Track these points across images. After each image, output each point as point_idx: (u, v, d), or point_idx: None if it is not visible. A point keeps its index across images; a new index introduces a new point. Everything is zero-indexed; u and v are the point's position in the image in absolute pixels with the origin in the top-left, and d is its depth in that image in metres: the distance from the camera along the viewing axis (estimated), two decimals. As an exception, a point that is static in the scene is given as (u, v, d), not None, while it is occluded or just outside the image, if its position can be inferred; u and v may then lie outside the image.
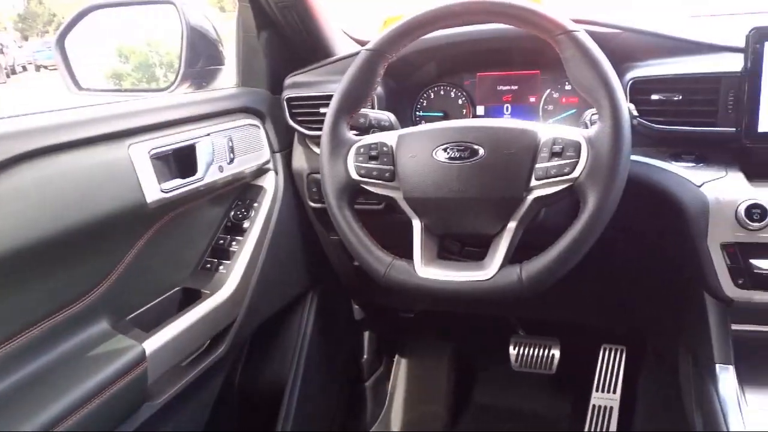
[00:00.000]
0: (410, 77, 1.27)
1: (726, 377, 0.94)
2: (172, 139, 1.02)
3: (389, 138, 0.96)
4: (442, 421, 1.74)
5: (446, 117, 1.28)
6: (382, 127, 1.05)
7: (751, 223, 0.92)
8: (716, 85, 0.98)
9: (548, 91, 1.21)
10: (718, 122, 0.99)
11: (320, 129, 0.99)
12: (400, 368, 1.85)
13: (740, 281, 0.93)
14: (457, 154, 0.90)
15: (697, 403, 1.01)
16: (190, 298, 1.11)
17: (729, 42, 1.01)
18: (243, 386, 1.41)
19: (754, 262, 0.93)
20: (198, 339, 1.09)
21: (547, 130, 0.89)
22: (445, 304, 1.54)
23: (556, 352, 1.64)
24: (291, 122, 1.27)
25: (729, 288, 0.94)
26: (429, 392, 1.80)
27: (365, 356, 1.74)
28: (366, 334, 1.75)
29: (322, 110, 1.19)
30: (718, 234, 0.94)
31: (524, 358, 1.65)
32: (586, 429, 1.60)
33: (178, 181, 1.02)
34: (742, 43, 0.94)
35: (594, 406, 1.63)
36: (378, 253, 0.94)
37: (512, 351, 1.66)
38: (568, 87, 1.18)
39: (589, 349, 1.71)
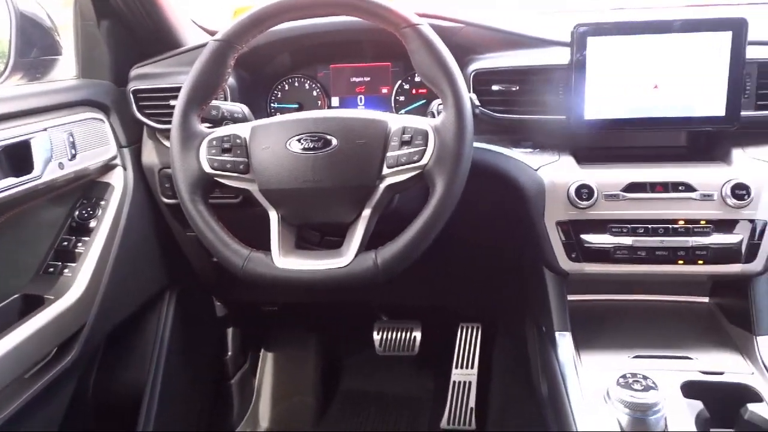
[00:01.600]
0: (263, 68, 1.26)
1: (564, 343, 1.03)
2: (1, 135, 0.94)
3: (242, 130, 0.95)
4: (311, 411, 1.75)
5: (301, 108, 1.28)
6: (235, 119, 1.04)
7: (580, 202, 1.01)
8: (548, 76, 1.07)
9: (399, 82, 1.26)
10: (551, 110, 1.07)
11: (170, 122, 0.96)
12: (267, 363, 1.84)
13: (573, 255, 1.03)
14: (311, 145, 0.91)
15: (542, 369, 1.09)
16: (31, 305, 1.03)
17: (559, 37, 1.10)
18: (98, 393, 1.34)
19: (585, 237, 1.03)
20: (43, 348, 1.02)
21: (397, 119, 0.92)
22: (306, 293, 1.55)
23: (418, 334, 1.70)
24: (139, 115, 1.21)
25: (564, 262, 1.04)
26: (296, 384, 1.80)
27: (229, 353, 1.71)
28: (229, 331, 1.71)
29: (171, 102, 1.15)
30: (554, 213, 1.03)
31: (388, 342, 1.70)
32: (448, 404, 1.68)
33: (11, 180, 0.94)
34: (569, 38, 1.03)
35: (454, 382, 1.72)
36: (235, 246, 0.93)
37: (376, 336, 1.71)
38: (417, 78, 1.23)
39: (448, 329, 1.79)
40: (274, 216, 0.94)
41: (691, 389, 0.92)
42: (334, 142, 0.91)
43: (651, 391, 0.85)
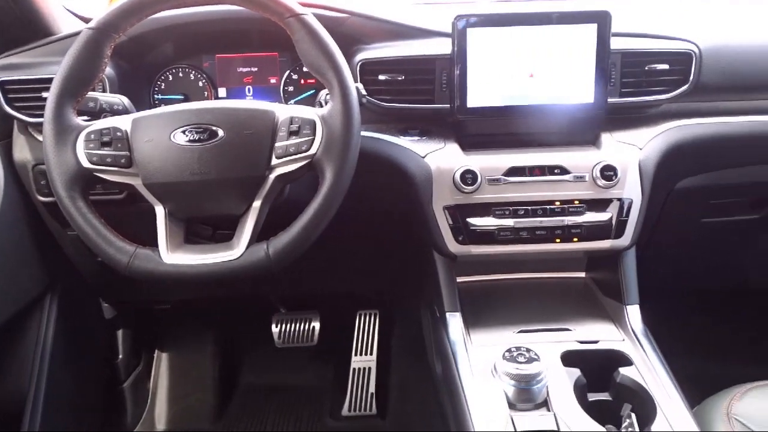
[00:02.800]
0: (144, 58, 1.22)
1: (454, 323, 1.08)
2: None
3: (123, 122, 0.92)
4: (210, 409, 1.72)
5: (187, 99, 1.25)
6: (114, 112, 0.99)
7: (465, 187, 1.05)
8: (432, 66, 1.10)
9: (288, 72, 1.25)
10: (436, 99, 1.11)
11: (43, 115, 0.91)
12: (161, 363, 1.78)
13: (460, 238, 1.07)
14: (197, 137, 0.89)
15: (435, 350, 1.13)
16: None
17: (442, 28, 1.13)
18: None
19: (470, 220, 1.07)
20: None
21: (284, 109, 0.92)
22: (199, 289, 1.52)
23: (317, 325, 1.71)
24: (7, 109, 1.13)
25: (452, 245, 1.08)
26: (194, 383, 1.76)
27: (120, 356, 1.64)
28: (119, 333, 1.64)
29: (43, 95, 1.09)
30: (441, 198, 1.07)
31: (286, 334, 1.70)
32: (349, 391, 1.71)
33: None
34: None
35: (354, 369, 1.74)
36: (119, 243, 0.89)
37: (274, 329, 1.70)
38: (306, 68, 1.23)
39: (346, 317, 1.81)
40: (160, 210, 0.91)
41: (569, 358, 0.99)
42: (221, 133, 0.89)
43: (534, 363, 0.90)
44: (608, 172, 1.06)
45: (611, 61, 1.09)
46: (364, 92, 1.00)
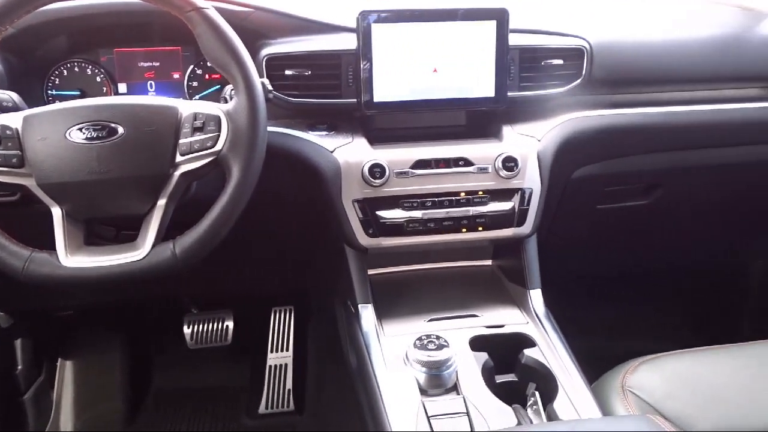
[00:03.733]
0: (35, 52, 1.15)
1: (367, 315, 1.09)
2: None
3: (12, 120, 0.87)
4: (120, 416, 1.66)
5: (84, 96, 1.19)
6: (3, 108, 0.94)
7: (374, 181, 1.07)
8: (337, 61, 1.11)
9: (191, 67, 1.22)
10: (343, 94, 1.12)
11: None
12: (66, 372, 1.70)
13: (370, 231, 1.09)
14: (95, 134, 0.86)
15: (350, 342, 1.15)
16: None
17: (348, 23, 1.14)
18: None
19: (380, 213, 1.09)
20: None
21: (188, 105, 0.91)
22: (102, 292, 1.46)
23: (230, 324, 1.69)
24: None
25: (363, 238, 1.09)
26: (102, 390, 1.69)
27: (20, 367, 1.55)
28: (18, 343, 1.56)
29: None
30: (350, 192, 1.08)
31: (199, 334, 1.67)
32: (265, 389, 1.69)
33: None
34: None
35: (270, 366, 1.73)
36: (12, 247, 0.85)
37: (186, 330, 1.66)
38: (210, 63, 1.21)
39: (261, 314, 1.80)
40: (57, 212, 0.87)
41: (477, 343, 1.03)
42: (121, 130, 0.87)
43: (444, 349, 0.94)
44: (509, 163, 1.10)
45: (510, 56, 1.13)
46: (270, 87, 0.99)
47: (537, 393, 0.95)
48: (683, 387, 0.99)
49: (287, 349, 1.76)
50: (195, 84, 1.23)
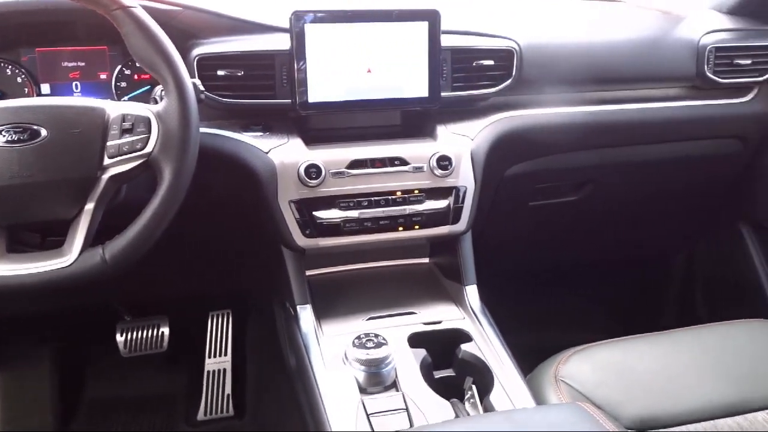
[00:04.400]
0: (-52, 51, 1.10)
1: (305, 315, 1.09)
2: None
3: None
4: (50, 429, 1.60)
5: (5, 97, 1.14)
6: None
7: (310, 181, 1.07)
8: (271, 61, 1.10)
9: (119, 67, 1.19)
10: (277, 95, 1.11)
11: None
12: None
13: (307, 231, 1.09)
14: (15, 137, 0.83)
15: (289, 343, 1.14)
16: None
17: (280, 23, 1.13)
18: None
19: (316, 213, 1.09)
20: None
21: (116, 106, 0.88)
22: (28, 301, 1.40)
23: (165, 330, 1.64)
24: None
25: (300, 238, 1.09)
26: (30, 404, 1.62)
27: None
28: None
29: None
30: (286, 193, 1.08)
31: (133, 342, 1.62)
32: (203, 395, 1.66)
33: None
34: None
35: (208, 371, 1.70)
36: None
37: (119, 338, 1.61)
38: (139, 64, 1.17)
39: (197, 319, 1.76)
40: None
41: (415, 340, 1.04)
42: (44, 132, 0.84)
43: (382, 347, 0.94)
44: (444, 162, 1.12)
45: (442, 57, 1.15)
46: (201, 88, 0.98)
47: (474, 387, 0.98)
48: (611, 375, 1.03)
49: (225, 354, 1.73)
50: (123, 84, 1.19)
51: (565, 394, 0.98)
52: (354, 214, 1.10)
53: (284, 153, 1.09)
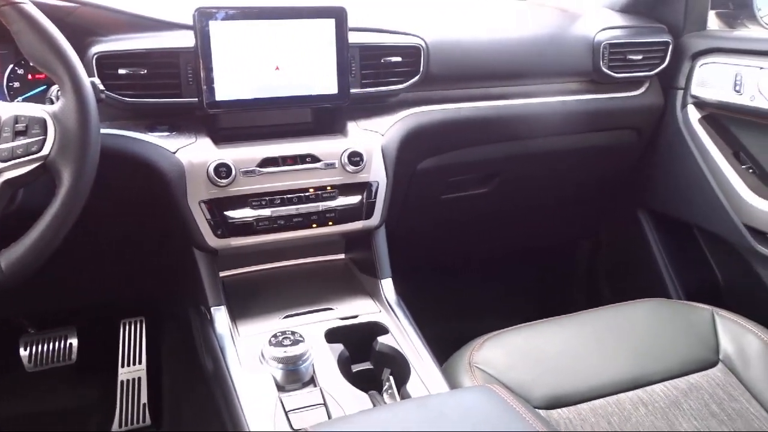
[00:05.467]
0: None
1: (220, 317, 1.07)
2: None
3: None
4: None
5: None
6: None
7: (220, 180, 1.05)
8: (175, 59, 1.08)
9: (11, 67, 1.12)
10: (183, 93, 1.08)
11: None
12: None
13: (219, 232, 1.07)
14: None
15: (204, 347, 1.12)
16: None
17: (184, 20, 1.11)
18: None
19: (228, 213, 1.07)
20: None
21: (8, 108, 0.84)
22: None
23: (74, 341, 1.58)
24: None
25: (211, 239, 1.07)
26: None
27: None
28: None
29: None
30: (196, 193, 1.05)
31: (39, 355, 1.54)
32: (118, 406, 1.60)
33: None
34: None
35: (122, 381, 1.64)
36: None
37: (23, 353, 1.53)
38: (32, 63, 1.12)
39: (108, 328, 1.70)
40: None
41: (332, 335, 1.05)
42: None
43: (299, 344, 0.94)
44: (355, 158, 1.13)
45: (351, 54, 1.16)
46: (101, 87, 0.94)
47: (391, 377, 0.99)
48: (523, 358, 1.07)
49: (140, 362, 1.67)
50: (16, 85, 1.13)
51: (479, 379, 1.01)
52: (266, 212, 1.09)
53: (192, 152, 1.07)
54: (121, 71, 1.05)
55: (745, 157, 1.42)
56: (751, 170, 1.41)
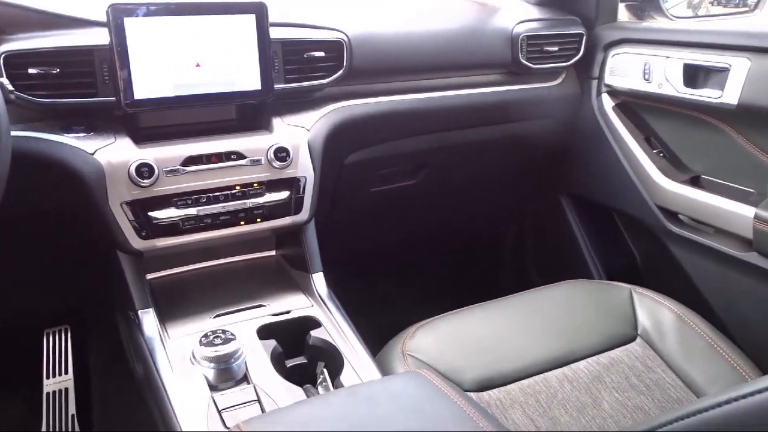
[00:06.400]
0: None
1: (148, 320, 1.05)
2: None
3: None
4: None
5: None
6: None
7: (142, 181, 1.03)
8: (90, 57, 1.04)
9: None
10: (99, 93, 1.05)
11: None
12: None
13: (143, 233, 1.05)
14: None
15: (133, 351, 1.09)
16: None
17: (98, 17, 1.07)
18: None
19: (152, 214, 1.05)
20: None
21: None
22: None
23: (-8, 353, 1.51)
24: None
25: (135, 241, 1.05)
26: None
27: None
28: None
29: None
30: (118, 195, 1.03)
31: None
32: (44, 419, 1.55)
33: None
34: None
35: (48, 393, 1.58)
36: None
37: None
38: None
39: (30, 340, 1.63)
40: None
41: (265, 331, 1.05)
42: None
43: (231, 342, 0.94)
44: (281, 154, 1.13)
45: (273, 49, 1.15)
46: (10, 88, 0.91)
47: (325, 370, 1.00)
48: (454, 344, 1.10)
49: (66, 372, 1.62)
50: None
51: (411, 366, 1.03)
52: (192, 211, 1.07)
53: (112, 153, 1.04)
54: (32, 71, 1.01)
55: (656, 142, 1.50)
56: (661, 154, 1.48)
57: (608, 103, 1.55)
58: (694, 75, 1.32)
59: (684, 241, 1.42)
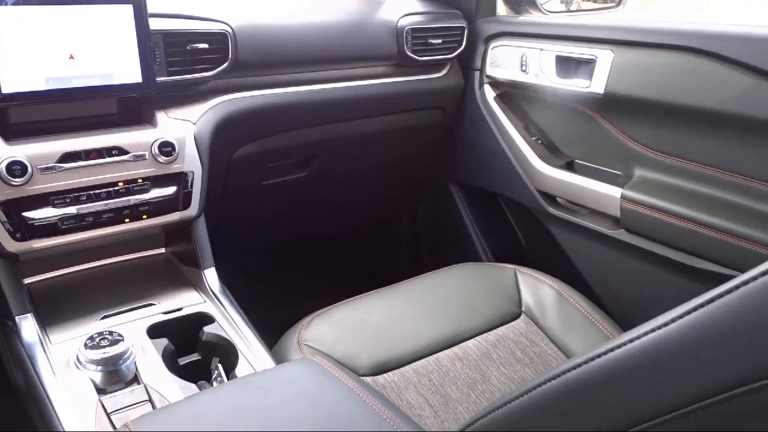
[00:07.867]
0: None
1: (27, 326, 1.00)
2: None
3: None
4: None
5: None
6: None
7: (14, 180, 0.97)
8: None
9: None
10: None
11: None
12: None
13: (18, 235, 0.99)
14: None
15: (12, 361, 1.04)
16: None
17: None
18: None
19: (27, 214, 0.99)
20: None
21: None
22: None
23: None
24: None
25: (9, 243, 0.99)
26: None
27: None
28: None
29: None
30: None
31: None
32: None
33: None
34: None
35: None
36: None
37: None
38: None
39: None
40: None
41: (156, 330, 1.02)
42: None
43: (119, 344, 0.91)
44: (166, 148, 1.10)
45: (154, 41, 1.12)
46: None
47: (220, 366, 0.99)
48: (349, 331, 1.12)
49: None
50: None
51: (307, 355, 1.04)
52: (72, 210, 1.03)
53: None
54: None
55: (534, 129, 1.59)
56: (540, 141, 1.57)
57: (490, 93, 1.62)
58: (565, 66, 1.41)
59: (562, 223, 1.52)
